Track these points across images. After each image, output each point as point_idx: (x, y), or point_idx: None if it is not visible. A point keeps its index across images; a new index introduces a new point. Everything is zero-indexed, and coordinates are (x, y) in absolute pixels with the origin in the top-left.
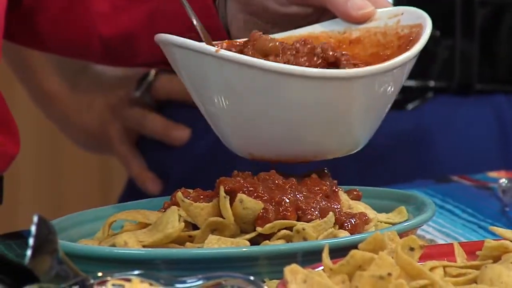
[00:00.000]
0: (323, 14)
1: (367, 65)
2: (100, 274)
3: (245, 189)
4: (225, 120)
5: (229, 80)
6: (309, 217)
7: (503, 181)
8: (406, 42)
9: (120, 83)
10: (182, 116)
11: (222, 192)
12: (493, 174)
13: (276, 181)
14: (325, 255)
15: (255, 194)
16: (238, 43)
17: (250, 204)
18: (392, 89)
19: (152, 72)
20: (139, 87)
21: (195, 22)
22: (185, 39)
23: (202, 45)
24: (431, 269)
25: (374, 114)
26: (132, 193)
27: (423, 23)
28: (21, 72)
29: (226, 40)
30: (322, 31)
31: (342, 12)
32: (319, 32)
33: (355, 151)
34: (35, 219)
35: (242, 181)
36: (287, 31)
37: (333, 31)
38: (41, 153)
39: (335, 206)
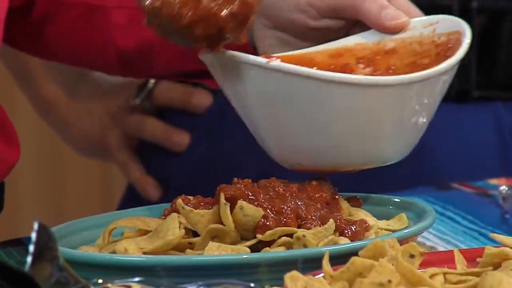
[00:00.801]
0: (353, 26)
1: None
2: (100, 281)
3: (246, 197)
4: (269, 131)
5: (276, 90)
6: (308, 225)
7: (504, 188)
8: (444, 50)
9: (119, 90)
10: (182, 122)
11: (222, 199)
12: (493, 181)
13: (277, 189)
14: (326, 262)
15: (256, 203)
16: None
17: (250, 211)
18: (439, 96)
19: (152, 79)
20: (139, 94)
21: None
22: (232, 51)
23: (252, 57)
24: (432, 276)
25: (423, 121)
26: (132, 198)
27: (461, 29)
28: (20, 78)
29: None
30: (356, 43)
31: (376, 23)
32: (353, 44)
33: (400, 160)
34: (36, 226)
35: (243, 189)
36: (318, 45)
37: (367, 43)
38: (42, 159)
39: (336, 214)
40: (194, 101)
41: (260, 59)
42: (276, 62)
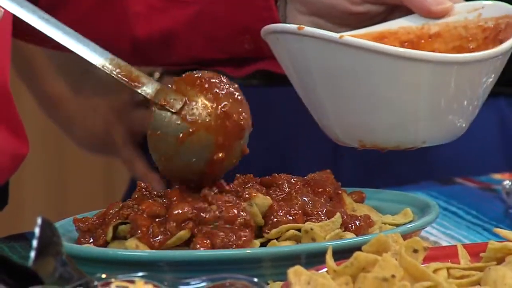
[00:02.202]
0: (391, 12)
1: None
2: (104, 275)
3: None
4: (332, 108)
5: (347, 66)
6: (314, 221)
7: (507, 182)
8: (494, 34)
9: (123, 86)
10: None
11: None
12: (497, 176)
13: (284, 187)
14: (329, 256)
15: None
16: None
17: (258, 200)
18: (496, 75)
19: (157, 74)
20: None
21: None
22: (301, 26)
23: (324, 32)
24: (435, 271)
25: (480, 100)
26: None
27: (511, 13)
28: (25, 74)
29: None
30: (399, 26)
31: (421, 7)
32: (396, 28)
33: (455, 139)
34: (39, 221)
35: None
36: (353, 30)
37: (411, 26)
38: (45, 155)
39: (340, 209)
40: None
41: (333, 34)
42: (349, 37)
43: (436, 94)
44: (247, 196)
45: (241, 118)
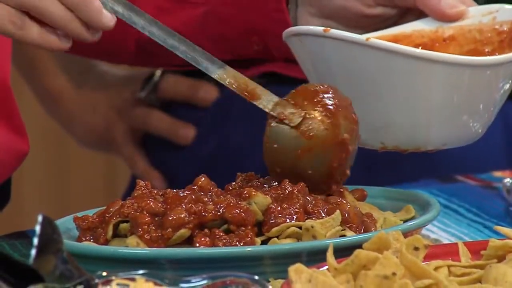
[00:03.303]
0: (403, 16)
1: None
2: (104, 273)
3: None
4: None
5: (372, 68)
6: (315, 219)
7: (508, 180)
8: (509, 37)
9: (124, 83)
10: (187, 115)
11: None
12: (498, 174)
13: (284, 187)
14: (330, 254)
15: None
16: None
17: (258, 199)
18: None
19: (158, 72)
20: (144, 87)
21: None
22: (327, 28)
23: (350, 34)
24: (436, 268)
25: (500, 105)
26: None
27: None
28: (26, 70)
29: None
30: (413, 29)
31: (435, 10)
32: (410, 31)
33: (473, 142)
34: (40, 218)
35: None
36: (365, 33)
37: (425, 30)
38: (46, 152)
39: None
40: (200, 94)
41: (359, 37)
42: (375, 40)
43: (456, 96)
44: (246, 195)
45: (353, 141)
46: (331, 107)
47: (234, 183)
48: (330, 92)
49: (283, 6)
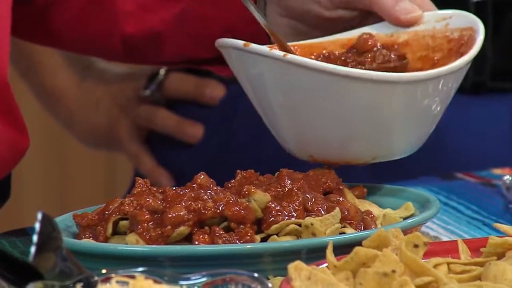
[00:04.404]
0: (366, 18)
1: (418, 70)
2: (104, 271)
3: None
4: (284, 123)
5: (293, 83)
6: (314, 216)
7: (507, 178)
8: (457, 46)
9: (126, 80)
10: (192, 114)
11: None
12: (497, 171)
13: (284, 184)
14: (329, 252)
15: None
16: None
17: (257, 196)
18: (452, 91)
19: (162, 70)
20: (149, 85)
21: (263, 23)
22: (247, 42)
23: (269, 50)
24: (435, 266)
25: (435, 117)
26: None
27: (475, 26)
28: (25, 70)
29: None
30: None
31: (390, 15)
32: None
33: (408, 154)
34: (39, 216)
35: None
36: (330, 35)
37: (380, 34)
38: (46, 150)
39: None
40: (208, 92)
41: (278, 53)
42: (292, 56)
43: (381, 111)
44: (245, 192)
45: None
46: None
47: (233, 180)
48: None
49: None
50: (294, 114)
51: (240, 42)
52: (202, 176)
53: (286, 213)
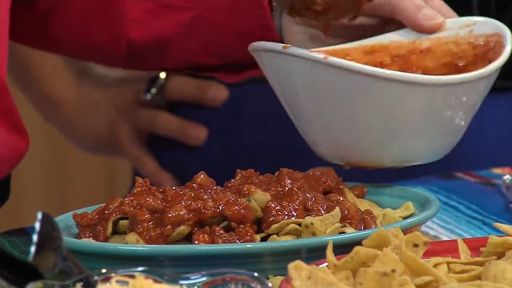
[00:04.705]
0: (387, 24)
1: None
2: (104, 270)
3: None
4: (317, 127)
5: (330, 86)
6: (314, 215)
7: (507, 177)
8: (483, 52)
9: (124, 84)
10: (195, 115)
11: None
12: (497, 171)
13: (284, 184)
14: (329, 251)
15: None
16: None
17: (257, 195)
18: (480, 98)
19: (162, 74)
20: (150, 89)
21: None
22: (286, 45)
23: (308, 52)
24: (435, 265)
25: (463, 123)
26: None
27: (501, 32)
28: (22, 76)
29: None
30: (391, 40)
31: (413, 22)
32: (388, 42)
33: (437, 159)
34: (39, 215)
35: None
36: (348, 42)
37: (402, 41)
38: (46, 150)
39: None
40: (210, 94)
41: (318, 55)
42: (333, 58)
43: (416, 114)
44: (245, 191)
45: None
46: None
47: (233, 180)
48: None
49: (267, 13)
50: (328, 118)
51: (278, 45)
52: (202, 176)
53: (286, 213)
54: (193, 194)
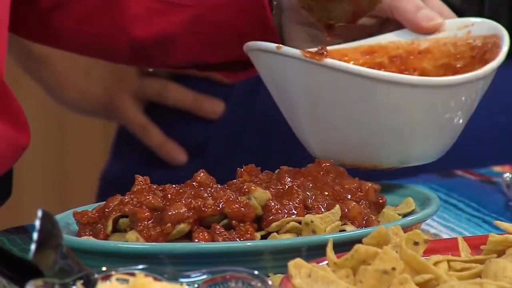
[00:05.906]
0: (385, 24)
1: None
2: (104, 268)
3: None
4: (309, 125)
5: (324, 86)
6: (314, 214)
7: (507, 175)
8: (481, 53)
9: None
10: (202, 88)
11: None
12: (497, 169)
13: (284, 182)
14: (329, 249)
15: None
16: None
17: (257, 193)
18: (477, 98)
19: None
20: None
21: None
22: (280, 45)
23: (300, 53)
24: (435, 263)
25: (460, 123)
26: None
27: (499, 33)
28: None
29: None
30: (389, 41)
31: (412, 22)
32: (386, 42)
33: (433, 160)
34: (39, 213)
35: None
36: (347, 42)
37: (401, 41)
38: (46, 147)
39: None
40: (207, 107)
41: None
42: (327, 59)
43: (410, 116)
44: (245, 189)
45: None
46: None
47: (235, 180)
48: None
49: (267, 12)
50: (321, 118)
51: (272, 45)
52: (202, 174)
53: (286, 211)
54: (193, 192)
